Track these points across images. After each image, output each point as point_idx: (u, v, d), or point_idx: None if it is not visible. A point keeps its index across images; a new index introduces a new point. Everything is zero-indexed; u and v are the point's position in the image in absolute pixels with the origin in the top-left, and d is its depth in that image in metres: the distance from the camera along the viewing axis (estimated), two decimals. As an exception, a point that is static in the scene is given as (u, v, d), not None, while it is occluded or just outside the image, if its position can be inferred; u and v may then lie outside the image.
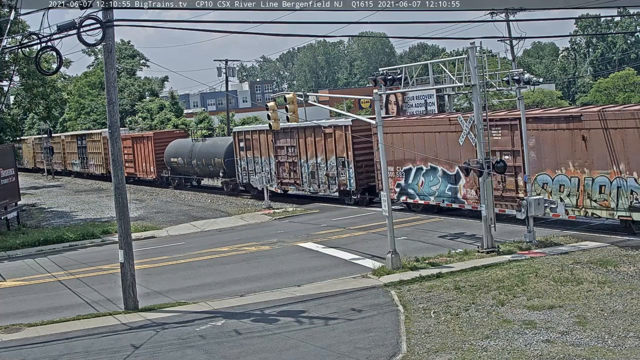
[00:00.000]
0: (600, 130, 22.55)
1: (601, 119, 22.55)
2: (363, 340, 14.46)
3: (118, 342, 15.65)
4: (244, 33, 68.16)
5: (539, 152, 24.42)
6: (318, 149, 34.44)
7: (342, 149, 32.85)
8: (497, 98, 44.68)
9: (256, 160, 38.99)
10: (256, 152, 38.89)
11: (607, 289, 16.60)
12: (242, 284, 20.42)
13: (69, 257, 27.05)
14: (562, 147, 23.77)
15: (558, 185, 23.98)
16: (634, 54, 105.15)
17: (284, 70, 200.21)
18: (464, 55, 22.23)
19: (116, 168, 18.51)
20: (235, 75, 71.03)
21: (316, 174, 34.61)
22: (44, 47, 17.55)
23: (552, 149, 24.05)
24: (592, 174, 22.89)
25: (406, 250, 21.98)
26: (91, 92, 78.01)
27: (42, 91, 40.05)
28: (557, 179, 24.00)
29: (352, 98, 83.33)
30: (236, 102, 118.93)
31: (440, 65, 25.32)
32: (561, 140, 23.74)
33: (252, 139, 39.17)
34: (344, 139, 32.67)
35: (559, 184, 23.97)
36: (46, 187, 59.45)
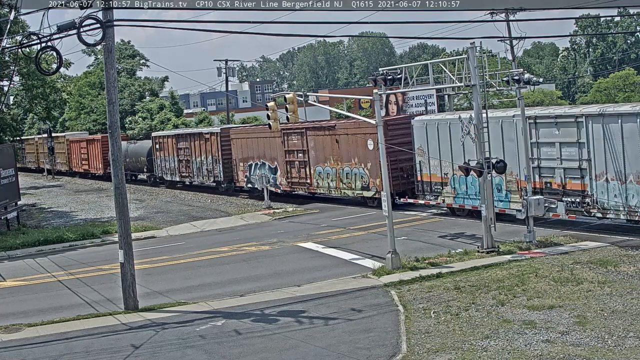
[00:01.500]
0: (345, 137, 32.93)
1: (345, 129, 33.12)
2: (363, 340, 14.46)
3: (118, 342, 15.65)
4: (244, 33, 68.12)
5: (316, 151, 34.98)
6: (202, 150, 44.34)
7: (216, 150, 42.71)
8: (497, 98, 44.70)
9: (166, 158, 49.05)
10: (166, 153, 48.94)
11: (607, 289, 16.60)
12: (242, 284, 20.43)
13: (69, 257, 27.05)
14: (327, 148, 34.31)
15: (326, 174, 34.48)
16: (634, 54, 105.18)
17: (284, 70, 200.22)
18: (464, 55, 22.24)
19: (116, 168, 18.51)
20: (235, 75, 71.14)
21: (201, 169, 44.69)
22: (44, 47, 17.55)
23: (322, 149, 34.58)
24: (342, 165, 33.31)
25: (406, 250, 21.98)
26: (91, 92, 77.96)
27: (42, 92, 40.07)
28: (325, 169, 34.49)
29: (352, 98, 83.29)
30: (236, 102, 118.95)
31: (440, 65, 25.31)
32: (326, 142, 34.27)
33: (163, 142, 49.08)
34: (217, 143, 42.46)
35: (326, 172, 34.44)
36: (46, 187, 59.45)
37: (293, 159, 36.62)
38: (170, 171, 48.62)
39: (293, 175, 36.74)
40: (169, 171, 48.80)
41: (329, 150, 34.06)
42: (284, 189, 37.33)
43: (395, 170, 29.95)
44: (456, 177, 27.65)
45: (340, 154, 33.19)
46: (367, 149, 31.60)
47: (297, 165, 36.31)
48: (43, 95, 40.63)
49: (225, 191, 43.25)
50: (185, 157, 46.16)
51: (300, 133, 35.59)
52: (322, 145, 34.44)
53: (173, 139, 47.59)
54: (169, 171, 48.71)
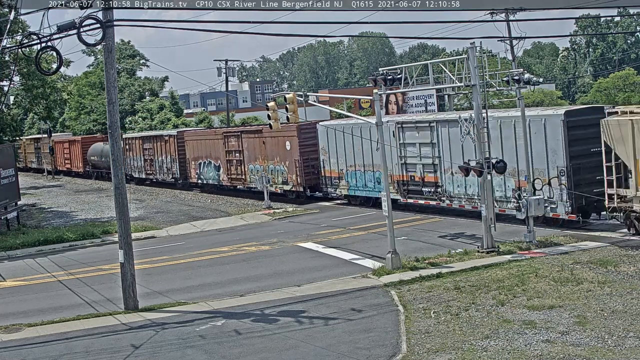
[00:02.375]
0: (270, 139, 37.63)
1: (270, 132, 35.33)
2: (363, 340, 14.46)
3: (118, 342, 15.65)
4: (244, 33, 68.06)
5: (249, 151, 39.82)
6: (163, 150, 49.25)
7: (173, 150, 47.66)
8: (497, 98, 44.69)
9: (134, 158, 53.76)
10: (134, 153, 53.63)
11: (607, 289, 16.60)
12: (242, 284, 20.42)
13: (69, 257, 27.05)
14: (257, 148, 39.11)
15: (256, 170, 39.01)
16: (634, 54, 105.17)
17: (284, 70, 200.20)
18: (464, 55, 22.24)
19: (116, 168, 18.52)
20: (235, 75, 71.14)
21: (162, 167, 49.68)
22: (44, 47, 17.55)
23: (254, 149, 39.38)
24: (268, 163, 38.15)
25: (406, 250, 21.98)
26: (91, 92, 77.97)
27: (43, 92, 40.06)
28: (256, 166, 39.13)
29: (352, 98, 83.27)
30: (236, 102, 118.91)
31: (440, 65, 25.31)
32: (256, 144, 39.10)
33: (132, 143, 53.48)
34: (174, 144, 47.40)
35: (257, 169, 39.00)
36: (46, 187, 59.45)
37: (232, 158, 41.39)
38: (137, 169, 53.36)
39: (232, 172, 41.59)
40: (137, 169, 53.46)
41: (258, 150, 39.12)
42: (226, 184, 42.59)
43: (307, 167, 35.59)
44: (349, 172, 33.27)
45: (267, 154, 38.41)
46: (286, 150, 36.65)
47: (235, 164, 41.24)
48: (43, 95, 40.62)
49: (182, 187, 48.08)
50: (150, 156, 50.98)
51: (237, 136, 40.72)
52: (253, 147, 39.59)
53: (140, 141, 52.39)
54: (137, 169, 53.37)
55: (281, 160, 37.11)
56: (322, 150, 34.84)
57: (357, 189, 32.95)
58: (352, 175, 33.02)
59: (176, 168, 47.39)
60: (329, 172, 34.57)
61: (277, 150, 37.35)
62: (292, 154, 35.98)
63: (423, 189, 29.04)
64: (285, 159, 36.72)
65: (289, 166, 36.46)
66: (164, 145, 48.82)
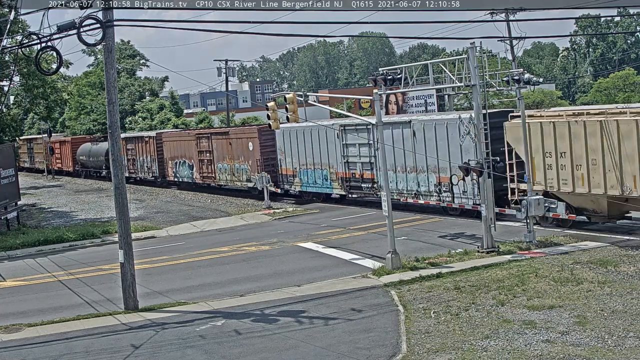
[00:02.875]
0: (235, 140, 40.76)
1: (235, 134, 41.39)
2: (363, 340, 14.46)
3: (118, 342, 15.66)
4: (244, 33, 68.13)
5: (218, 151, 42.59)
6: (143, 151, 52.13)
7: (153, 151, 50.29)
8: (497, 98, 44.69)
9: (127, 157, 55.12)
10: (129, 153, 54.59)
11: (607, 289, 16.60)
12: (242, 284, 20.42)
13: (69, 257, 27.05)
14: (224, 148, 41.83)
15: (224, 169, 42.00)
16: (634, 54, 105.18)
17: (284, 70, 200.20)
18: (464, 55, 22.23)
19: (116, 168, 18.52)
20: (235, 75, 71.18)
21: (143, 166, 52.61)
22: (44, 47, 17.55)
23: (222, 149, 42.09)
24: (234, 162, 40.95)
25: (406, 250, 21.98)
26: (91, 92, 78.00)
27: (43, 92, 40.05)
28: (224, 165, 42.02)
29: (352, 98, 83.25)
30: (236, 102, 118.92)
31: (440, 65, 25.32)
32: (224, 144, 41.86)
33: (126, 143, 53.95)
34: (153, 145, 50.02)
35: (224, 168, 41.89)
36: (46, 187, 59.45)
37: (203, 157, 44.36)
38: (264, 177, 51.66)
39: (204, 171, 44.59)
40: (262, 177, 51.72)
41: (225, 150, 41.85)
42: (198, 182, 45.76)
43: (267, 166, 38.47)
44: (302, 170, 36.18)
45: (233, 154, 41.16)
46: (249, 150, 39.64)
47: (206, 163, 44.17)
48: (43, 95, 40.62)
49: (160, 184, 51.16)
50: (132, 156, 53.94)
51: (207, 137, 43.91)
52: (221, 147, 42.37)
53: (123, 141, 52.84)
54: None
55: (245, 159, 40.02)
56: (279, 150, 37.90)
57: (309, 186, 36.11)
58: (304, 173, 36.22)
59: (155, 167, 50.35)
60: (285, 170, 37.68)
61: (241, 150, 40.26)
62: (254, 154, 39.03)
63: (362, 184, 32.44)
64: (249, 158, 39.61)
65: (252, 165, 39.41)
66: (144, 146, 51.87)
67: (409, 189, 29.72)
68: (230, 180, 41.98)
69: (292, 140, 36.64)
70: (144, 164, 52.37)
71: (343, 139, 33.01)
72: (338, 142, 33.18)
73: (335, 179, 33.71)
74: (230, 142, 41.42)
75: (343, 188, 33.56)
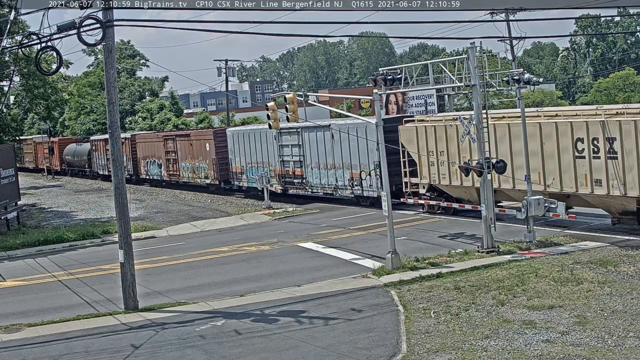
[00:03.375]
0: (195, 141, 45.16)
1: (195, 135, 46.29)
2: (363, 340, 14.46)
3: (118, 342, 15.65)
4: (244, 33, 68.24)
5: (181, 152, 47.15)
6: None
7: (128, 151, 53.86)
8: (497, 98, 44.70)
9: (99, 157, 60.60)
10: (99, 153, 60.45)
11: (607, 289, 16.60)
12: (242, 284, 20.42)
13: (69, 257, 27.05)
14: (186, 149, 46.14)
15: (187, 167, 46.38)
16: (634, 54, 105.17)
17: (284, 70, 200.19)
18: (464, 55, 22.23)
19: (116, 168, 18.53)
20: (235, 75, 71.17)
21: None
22: (44, 47, 17.53)
23: (184, 150, 46.69)
24: (194, 161, 45.32)
25: (406, 250, 21.97)
26: (91, 92, 78.04)
27: (43, 92, 40.04)
28: (186, 164, 46.60)
29: (352, 98, 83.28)
30: (236, 102, 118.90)
31: (440, 65, 25.32)
32: (186, 145, 46.22)
33: (97, 144, 60.47)
34: (129, 145, 53.78)
35: (187, 167, 46.37)
36: (46, 187, 59.47)
37: (170, 157, 48.78)
38: (101, 167, 60.46)
39: (170, 169, 49.08)
40: (101, 167, 60.68)
41: (187, 151, 46.30)
42: (166, 179, 50.31)
43: (221, 165, 42.70)
44: (248, 168, 40.47)
45: (193, 154, 45.55)
46: (206, 150, 43.93)
47: (172, 162, 48.54)
48: (43, 95, 40.62)
49: (135, 182, 54.65)
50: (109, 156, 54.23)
51: (173, 139, 48.42)
52: (184, 148, 46.84)
53: (102, 142, 58.73)
54: (101, 167, 60.56)
55: (203, 158, 44.57)
56: (230, 150, 42.13)
57: (254, 182, 39.47)
58: (250, 171, 40.26)
59: (130, 166, 54.12)
60: (235, 168, 41.89)
61: (200, 150, 44.73)
62: (210, 154, 43.49)
63: (294, 180, 36.80)
64: (206, 157, 44.08)
65: (209, 163, 43.95)
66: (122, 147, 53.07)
67: (329, 183, 34.53)
68: (191, 177, 46.40)
69: (240, 142, 40.87)
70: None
71: (279, 140, 37.31)
72: (275, 144, 37.52)
73: (274, 175, 37.94)
74: (191, 143, 45.93)
75: (280, 184, 37.86)
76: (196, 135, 46.19)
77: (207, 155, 43.78)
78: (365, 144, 30.88)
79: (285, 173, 37.24)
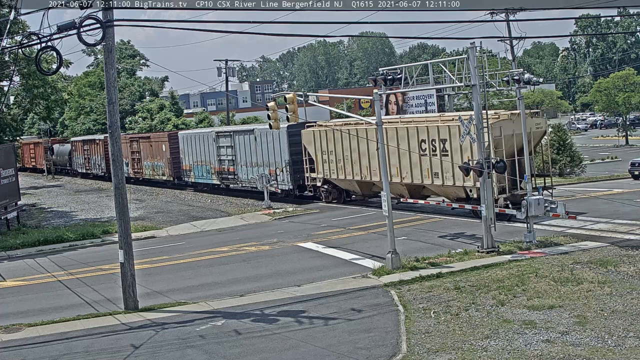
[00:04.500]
0: (155, 142, 50.41)
1: (154, 138, 51.57)
2: (363, 340, 14.46)
3: (118, 342, 15.65)
4: (244, 33, 68.32)
5: (144, 152, 52.50)
6: (95, 151, 62.18)
7: (102, 151, 58.53)
8: (497, 98, 44.68)
9: (78, 156, 66.48)
10: (78, 153, 66.51)
11: (607, 289, 16.60)
12: (242, 284, 20.42)
13: (69, 257, 27.05)
14: (147, 149, 51.55)
15: (148, 166, 51.94)
16: (634, 54, 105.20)
17: (284, 70, 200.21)
18: (464, 55, 22.23)
19: (116, 168, 18.52)
20: (235, 75, 71.17)
21: (95, 164, 62.32)
22: (44, 47, 17.52)
23: (146, 150, 51.93)
24: (154, 160, 50.64)
25: (406, 250, 21.97)
26: (91, 92, 78.04)
27: (43, 91, 40.04)
28: (147, 163, 51.85)
29: (352, 98, 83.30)
30: (236, 102, 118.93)
31: (440, 65, 25.33)
32: (147, 146, 51.76)
33: (77, 145, 66.71)
34: (102, 146, 58.35)
35: (148, 165, 51.86)
36: (46, 187, 59.47)
37: (134, 156, 54.34)
38: (80, 166, 66.19)
39: (135, 167, 54.59)
40: (79, 166, 66.36)
41: (148, 151, 51.87)
42: (132, 176, 54.40)
43: (175, 163, 48.15)
44: (195, 166, 46.03)
45: (153, 154, 50.91)
46: (163, 151, 49.26)
47: (136, 161, 54.30)
48: (43, 95, 40.62)
49: (108, 179, 56.78)
50: (88, 155, 64.11)
51: (137, 140, 54.11)
52: (145, 148, 52.31)
53: (81, 143, 65.42)
54: (79, 166, 66.30)
55: (161, 158, 49.98)
56: (181, 151, 47.79)
57: (199, 178, 45.82)
58: (196, 168, 46.18)
59: (104, 164, 59.37)
60: (185, 166, 47.67)
61: (158, 151, 50.00)
62: (166, 154, 48.88)
63: (229, 176, 42.49)
64: (163, 157, 49.44)
65: (165, 162, 49.37)
66: (96, 147, 61.62)
67: (253, 178, 39.26)
68: (152, 174, 51.95)
69: (188, 143, 46.73)
70: (96, 162, 62.43)
71: (217, 142, 43.09)
72: (214, 145, 43.34)
73: (214, 172, 44.06)
74: (151, 144, 51.53)
75: (218, 179, 43.65)
76: (155, 138, 51.51)
77: (163, 155, 49.30)
78: (279, 146, 37.25)
79: (222, 170, 42.94)
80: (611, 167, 47.65)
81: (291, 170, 36.65)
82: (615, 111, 72.91)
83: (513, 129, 25.92)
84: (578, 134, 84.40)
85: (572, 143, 45.31)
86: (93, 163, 63.00)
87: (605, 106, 70.84)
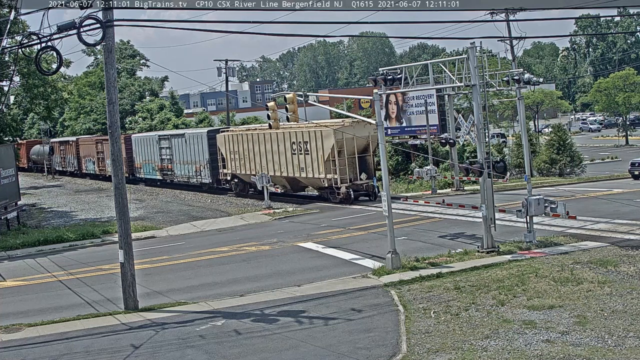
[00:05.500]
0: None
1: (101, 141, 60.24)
2: (363, 340, 14.45)
3: (118, 342, 15.65)
4: (244, 33, 68.36)
5: (106, 152, 56.28)
6: (69, 151, 69.73)
7: (75, 151, 67.41)
8: (497, 98, 44.65)
9: (56, 156, 73.32)
10: (56, 153, 73.30)
11: (607, 289, 16.60)
12: (242, 284, 20.42)
13: (69, 257, 27.05)
14: (108, 150, 49.12)
15: (109, 164, 52.48)
16: (634, 54, 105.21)
17: (284, 70, 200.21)
18: (464, 55, 22.24)
19: (116, 168, 18.53)
20: (235, 75, 71.11)
21: (69, 162, 69.56)
22: (44, 47, 17.52)
23: (108, 151, 49.62)
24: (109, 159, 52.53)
25: (406, 250, 21.97)
26: (91, 92, 78.06)
27: (43, 92, 40.04)
28: (108, 161, 52.73)
29: (352, 98, 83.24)
30: (236, 102, 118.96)
31: (440, 65, 25.36)
32: (107, 147, 58.75)
33: (55, 146, 73.47)
34: (75, 146, 67.32)
35: (109, 163, 49.78)
36: (46, 187, 59.49)
37: (99, 156, 61.48)
38: (57, 164, 73.09)
39: (100, 166, 61.57)
40: (57, 164, 73.16)
41: (108, 151, 54.80)
42: (97, 173, 62.05)
43: (129, 162, 54.19)
44: (144, 164, 53.84)
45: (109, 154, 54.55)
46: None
47: (101, 160, 61.14)
48: (43, 95, 40.62)
49: (79, 176, 66.95)
50: (63, 155, 71.23)
51: (101, 142, 60.15)
52: (107, 149, 53.42)
53: (58, 144, 73.17)
54: (57, 164, 73.13)
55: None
56: (134, 151, 55.24)
57: (147, 174, 53.77)
58: (145, 166, 53.88)
59: (76, 163, 67.55)
60: (136, 164, 55.29)
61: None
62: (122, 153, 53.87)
63: (168, 172, 49.99)
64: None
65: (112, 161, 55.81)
66: (70, 148, 69.00)
67: (185, 173, 47.54)
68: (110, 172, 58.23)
69: (139, 145, 54.41)
70: (69, 161, 69.59)
71: (159, 144, 50.82)
72: (157, 146, 51.22)
73: (157, 169, 51.86)
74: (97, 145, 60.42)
75: (161, 175, 51.32)
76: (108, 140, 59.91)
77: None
78: (202, 147, 45.19)
79: (163, 167, 50.85)
80: (611, 167, 47.68)
81: (210, 167, 44.64)
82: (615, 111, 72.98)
83: (354, 133, 34.01)
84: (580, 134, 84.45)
85: (572, 143, 45.33)
86: (68, 162, 70.31)
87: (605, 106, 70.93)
